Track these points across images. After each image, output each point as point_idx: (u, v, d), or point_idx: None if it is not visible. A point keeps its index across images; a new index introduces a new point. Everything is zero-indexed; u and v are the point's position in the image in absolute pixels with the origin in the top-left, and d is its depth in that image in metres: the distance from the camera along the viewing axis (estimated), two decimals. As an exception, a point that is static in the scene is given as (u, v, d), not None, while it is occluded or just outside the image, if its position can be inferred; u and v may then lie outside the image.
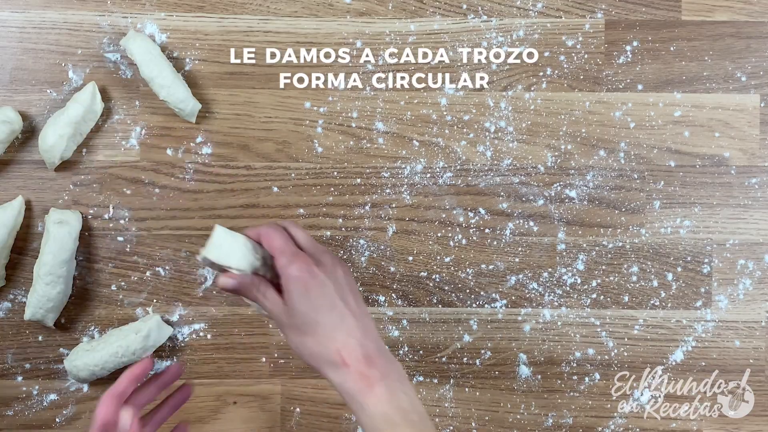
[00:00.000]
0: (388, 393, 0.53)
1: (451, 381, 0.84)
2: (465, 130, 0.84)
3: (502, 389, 0.84)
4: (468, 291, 0.84)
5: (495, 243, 0.84)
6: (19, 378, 0.81)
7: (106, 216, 0.82)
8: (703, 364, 0.85)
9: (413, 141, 0.84)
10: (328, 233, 0.83)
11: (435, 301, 0.84)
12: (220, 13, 0.83)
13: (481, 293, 0.84)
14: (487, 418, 0.84)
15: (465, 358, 0.84)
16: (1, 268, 0.79)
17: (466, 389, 0.84)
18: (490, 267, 0.84)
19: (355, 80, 0.83)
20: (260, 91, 0.83)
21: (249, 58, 0.83)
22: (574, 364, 0.84)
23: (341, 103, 0.83)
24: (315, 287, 0.56)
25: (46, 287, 0.77)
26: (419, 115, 0.84)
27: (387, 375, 0.54)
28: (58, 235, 0.77)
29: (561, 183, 0.84)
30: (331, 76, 0.83)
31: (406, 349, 0.84)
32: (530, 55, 0.85)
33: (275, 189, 0.83)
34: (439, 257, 0.83)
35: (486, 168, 0.84)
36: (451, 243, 0.84)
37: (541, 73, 0.84)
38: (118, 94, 0.82)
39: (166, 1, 0.82)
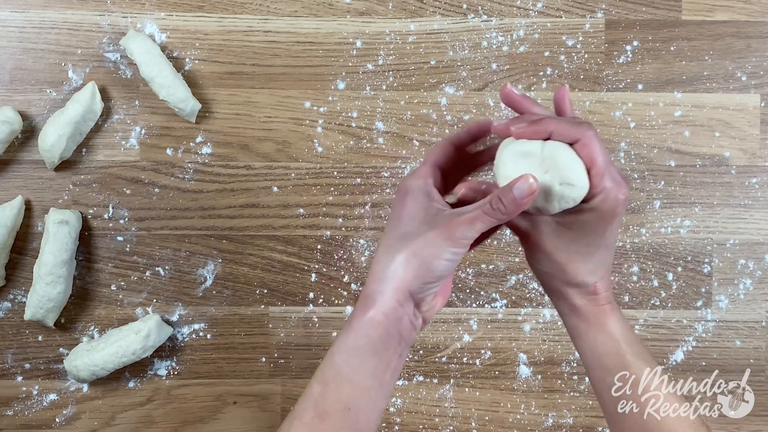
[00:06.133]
0: (620, 314, 0.55)
1: (451, 381, 0.84)
2: (465, 129, 0.84)
3: (502, 389, 0.84)
4: (468, 291, 0.84)
5: (495, 243, 0.84)
6: (19, 378, 0.82)
7: (105, 216, 0.82)
8: (704, 363, 0.85)
9: (413, 141, 0.84)
10: (328, 233, 0.83)
11: (435, 301, 0.84)
12: (220, 13, 0.83)
13: (481, 293, 0.84)
14: (487, 418, 0.84)
15: (465, 358, 0.84)
16: (1, 268, 0.79)
17: (466, 389, 0.84)
18: (490, 267, 0.84)
19: (355, 80, 0.83)
20: (260, 91, 0.83)
21: (249, 58, 0.83)
22: (574, 364, 0.84)
23: (341, 103, 0.83)
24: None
25: (46, 287, 0.77)
26: (419, 115, 0.84)
27: (613, 298, 0.56)
28: (58, 235, 0.77)
29: (561, 183, 0.84)
30: (331, 76, 0.83)
31: (406, 349, 0.83)
32: (530, 54, 0.85)
33: (275, 189, 0.83)
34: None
35: (486, 168, 0.83)
36: (451, 243, 0.83)
37: (541, 73, 0.84)
38: (118, 94, 0.82)
39: (166, 0, 0.82)
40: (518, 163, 0.51)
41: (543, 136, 0.51)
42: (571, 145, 0.50)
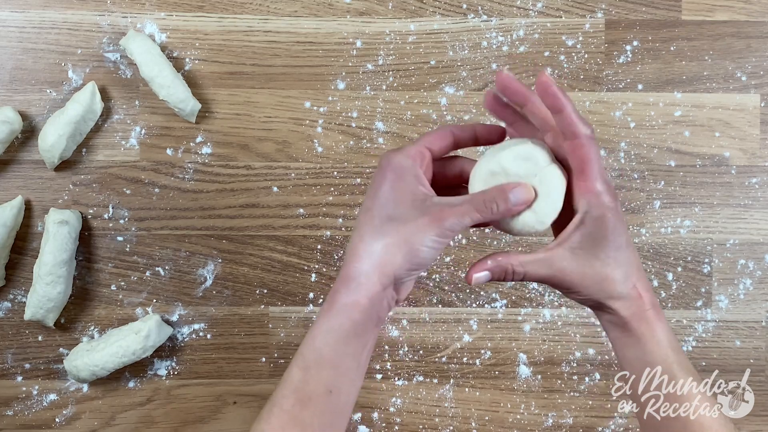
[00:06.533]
0: (664, 318, 0.54)
1: (451, 381, 0.84)
2: (465, 129, 0.84)
3: (502, 389, 0.84)
4: (468, 291, 0.84)
5: (495, 243, 0.84)
6: (19, 378, 0.82)
7: (105, 216, 0.82)
8: (704, 364, 0.85)
9: (413, 141, 0.83)
10: (328, 233, 0.83)
11: (435, 301, 0.84)
12: (220, 13, 0.83)
13: (481, 293, 0.84)
14: (487, 418, 0.84)
15: (465, 358, 0.84)
16: (1, 268, 0.80)
17: (466, 389, 0.84)
18: (490, 267, 0.84)
19: (355, 80, 0.83)
20: (260, 91, 0.83)
21: (249, 58, 0.83)
22: (574, 364, 0.84)
23: (341, 102, 0.83)
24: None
25: (46, 287, 0.77)
26: (419, 115, 0.84)
27: (656, 299, 0.55)
28: (58, 235, 0.77)
29: (561, 183, 0.84)
30: (331, 76, 0.83)
31: (406, 349, 0.84)
32: (530, 54, 0.84)
33: (275, 189, 0.83)
34: (439, 257, 0.83)
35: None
36: (451, 242, 0.84)
37: (541, 73, 0.84)
38: (118, 94, 0.82)
39: (166, 0, 0.82)
40: (517, 164, 0.51)
41: (560, 109, 0.49)
42: (564, 140, 0.51)
